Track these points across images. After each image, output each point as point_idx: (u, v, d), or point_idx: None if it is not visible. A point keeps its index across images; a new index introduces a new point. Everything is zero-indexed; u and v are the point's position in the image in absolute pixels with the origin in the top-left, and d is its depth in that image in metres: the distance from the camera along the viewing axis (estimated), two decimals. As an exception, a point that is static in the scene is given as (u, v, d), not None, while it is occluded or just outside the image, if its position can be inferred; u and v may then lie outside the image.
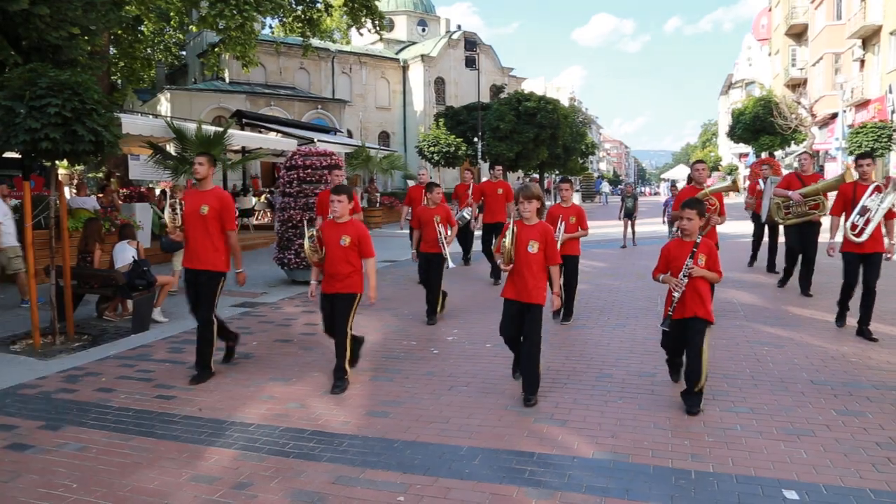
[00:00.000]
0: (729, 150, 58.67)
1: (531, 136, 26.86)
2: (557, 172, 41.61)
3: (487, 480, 3.70)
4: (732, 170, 57.27)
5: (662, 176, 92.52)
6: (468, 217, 11.34)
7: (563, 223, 7.18)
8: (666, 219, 14.84)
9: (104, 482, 3.80)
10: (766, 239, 11.04)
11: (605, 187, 54.70)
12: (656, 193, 77.68)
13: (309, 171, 9.90)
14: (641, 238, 16.61)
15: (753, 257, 11.62)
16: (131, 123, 12.87)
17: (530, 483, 3.66)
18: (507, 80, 49.74)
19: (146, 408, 5.09)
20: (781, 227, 9.57)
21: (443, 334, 7.22)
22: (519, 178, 45.67)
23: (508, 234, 4.93)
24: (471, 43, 26.73)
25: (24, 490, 3.74)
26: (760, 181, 11.01)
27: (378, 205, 23.63)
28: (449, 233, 8.08)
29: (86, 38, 11.64)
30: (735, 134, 37.20)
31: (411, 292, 9.96)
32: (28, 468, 4.04)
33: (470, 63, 26.43)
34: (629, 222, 15.99)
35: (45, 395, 5.43)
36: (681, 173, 71.69)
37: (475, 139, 25.47)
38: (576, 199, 43.31)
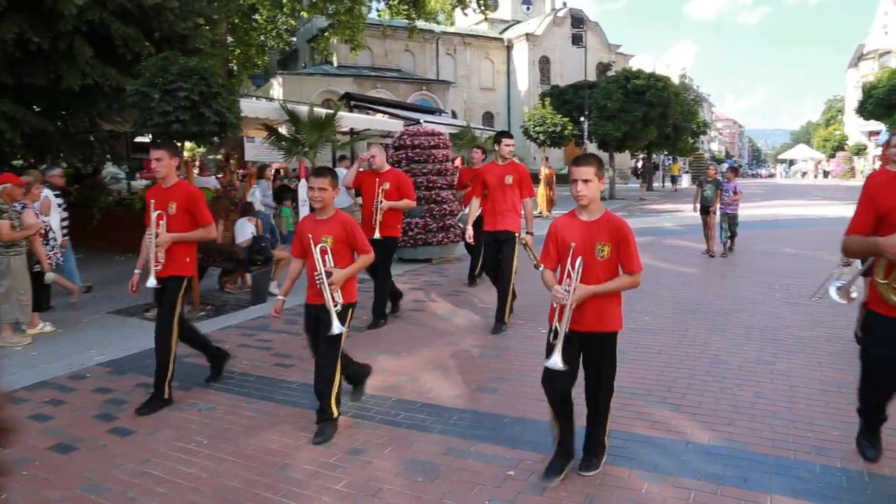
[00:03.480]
0: (857, 129, 54.51)
1: (639, 116, 25.97)
2: (666, 153, 40.14)
3: (598, 460, 3.67)
4: (860, 149, 53.15)
5: (780, 157, 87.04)
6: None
7: None
8: None
9: (231, 440, 4.07)
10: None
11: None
12: (771, 175, 73.36)
13: (417, 150, 10.06)
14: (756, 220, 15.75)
15: None
16: (248, 106, 13.42)
17: (642, 465, 3.61)
18: (614, 58, 48.27)
19: (266, 374, 5.39)
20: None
21: (549, 314, 7.18)
22: (637, 160, 44.31)
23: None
24: (577, 20, 26.15)
25: (163, 442, 4.08)
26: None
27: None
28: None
29: (208, 27, 12.30)
30: (865, 110, 34.41)
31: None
32: (165, 423, 4.41)
33: (577, 40, 25.85)
34: (708, 220, 11.23)
35: (176, 359, 5.85)
36: (801, 154, 67.33)
37: (581, 119, 24.94)
38: (685, 180, 41.70)
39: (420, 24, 27.55)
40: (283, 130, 15.07)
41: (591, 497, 3.30)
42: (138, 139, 17.21)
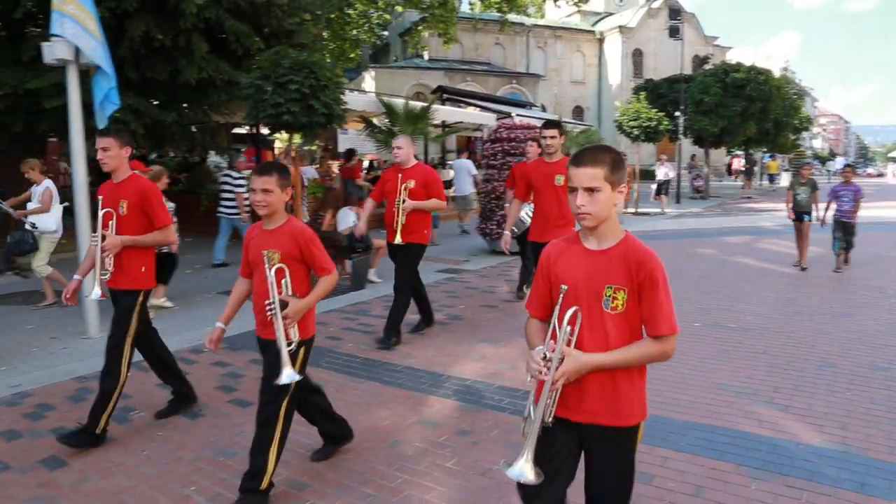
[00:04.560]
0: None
1: (738, 110, 25.00)
2: (765, 150, 38.45)
3: (705, 455, 3.67)
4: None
5: (890, 154, 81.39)
6: (527, 221, 7.26)
7: None
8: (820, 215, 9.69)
9: (344, 414, 4.29)
10: None
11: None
12: (881, 175, 68.80)
13: (513, 143, 10.13)
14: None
15: None
16: (346, 99, 13.92)
17: (750, 463, 3.58)
18: (711, 51, 46.62)
19: (371, 357, 5.62)
20: None
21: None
22: (733, 157, 42.70)
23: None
24: (675, 11, 25.40)
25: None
26: None
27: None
28: None
29: (313, 22, 12.78)
30: None
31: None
32: (282, 398, 4.69)
33: (673, 33, 25.08)
34: (802, 228, 9.65)
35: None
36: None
37: (676, 113, 24.27)
38: (784, 179, 39.79)
39: (511, 17, 27.53)
40: (375, 122, 15.46)
41: (699, 489, 3.31)
42: (236, 130, 18.09)
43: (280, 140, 18.78)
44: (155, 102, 10.85)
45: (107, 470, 3.67)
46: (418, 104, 14.91)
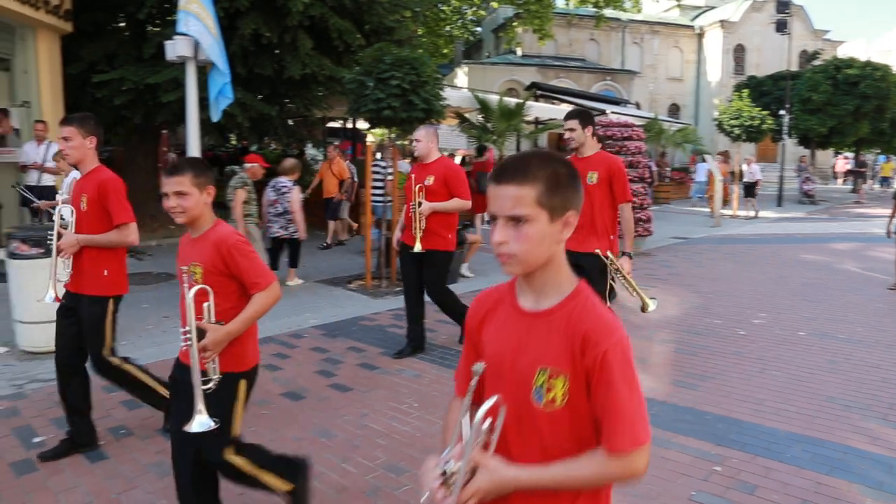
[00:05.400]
0: None
1: (850, 109, 23.61)
2: (878, 151, 36.06)
3: (812, 469, 3.53)
4: None
5: None
6: None
7: None
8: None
9: (440, 406, 4.39)
10: None
11: None
12: None
13: (609, 141, 9.97)
14: None
15: None
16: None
17: (862, 480, 3.41)
18: (820, 45, 44.06)
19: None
20: None
21: (748, 316, 6.86)
22: (839, 159, 40.45)
23: None
24: (783, 4, 24.12)
25: (378, 401, 4.50)
26: None
27: (667, 180, 22.89)
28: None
29: (412, 18, 13.00)
30: None
31: (709, 269, 9.61)
32: (378, 384, 4.84)
33: (781, 27, 23.84)
34: None
35: (380, 328, 6.38)
36: None
37: (780, 112, 23.15)
38: (899, 183, 37.14)
39: (607, 12, 27.00)
40: (468, 118, 15.55)
41: (806, 504, 3.19)
42: (330, 124, 18.62)
43: (373, 135, 19.23)
44: (259, 97, 11.35)
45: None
46: (513, 100, 14.90)
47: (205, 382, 2.47)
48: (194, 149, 6.64)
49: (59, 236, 3.54)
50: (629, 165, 10.13)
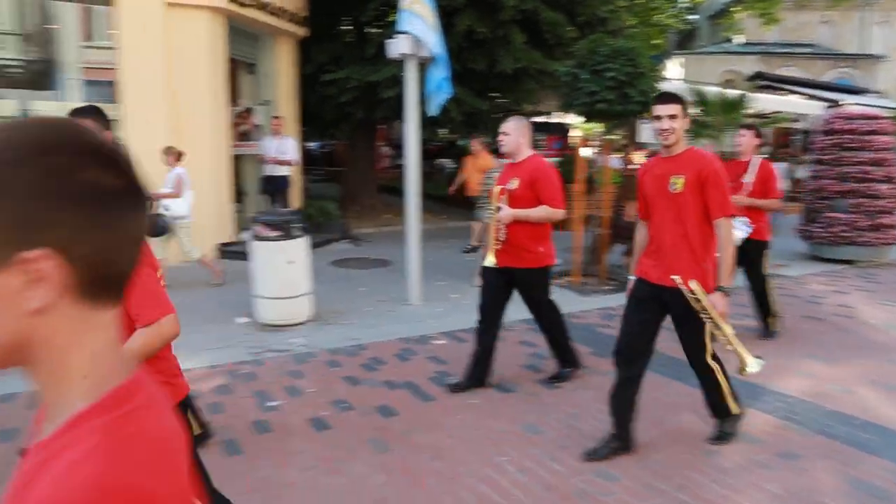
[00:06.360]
0: None
1: None
2: None
3: None
4: None
5: None
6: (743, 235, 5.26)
7: None
8: None
9: (654, 415, 4.16)
10: None
11: None
12: None
13: (852, 136, 8.85)
14: None
15: None
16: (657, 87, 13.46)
17: None
18: None
19: (676, 355, 5.34)
20: None
21: None
22: None
23: None
24: None
25: (588, 401, 4.41)
26: None
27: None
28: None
29: (626, 8, 12.55)
30: None
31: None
32: (586, 385, 4.72)
33: None
34: None
35: (589, 327, 6.23)
36: None
37: None
38: None
39: (849, -10, 24.10)
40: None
41: None
42: (534, 119, 18.55)
43: (581, 129, 18.90)
44: (473, 92, 11.62)
45: (430, 424, 4.04)
46: (735, 92, 13.82)
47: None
48: (412, 143, 6.95)
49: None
50: (873, 163, 8.88)
